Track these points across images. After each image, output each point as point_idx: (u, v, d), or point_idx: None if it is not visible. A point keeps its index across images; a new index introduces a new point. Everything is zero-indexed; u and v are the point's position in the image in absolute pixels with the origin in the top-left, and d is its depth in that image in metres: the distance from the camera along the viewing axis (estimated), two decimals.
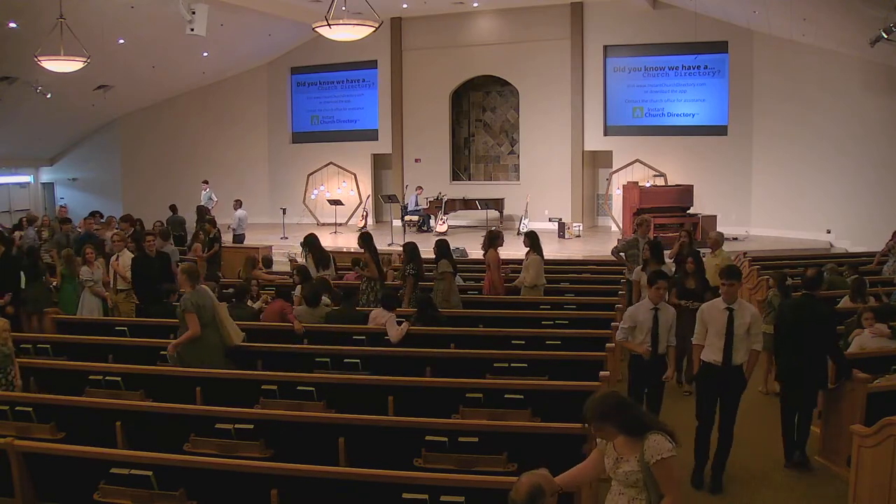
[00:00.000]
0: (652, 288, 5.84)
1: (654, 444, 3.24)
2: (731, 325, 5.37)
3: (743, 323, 5.39)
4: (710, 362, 5.46)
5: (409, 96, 20.66)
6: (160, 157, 21.66)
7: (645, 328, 5.81)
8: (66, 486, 4.53)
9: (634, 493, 3.33)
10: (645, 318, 5.83)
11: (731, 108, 17.84)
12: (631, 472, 3.28)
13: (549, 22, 19.00)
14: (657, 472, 3.25)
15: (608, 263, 11.61)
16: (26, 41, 13.96)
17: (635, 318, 5.87)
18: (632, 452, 3.32)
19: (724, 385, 5.43)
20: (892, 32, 10.19)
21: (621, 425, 3.29)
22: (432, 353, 6.51)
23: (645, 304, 5.92)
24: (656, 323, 5.80)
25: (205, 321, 6.19)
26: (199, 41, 16.05)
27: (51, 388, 6.05)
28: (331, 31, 11.92)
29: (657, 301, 5.83)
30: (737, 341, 5.39)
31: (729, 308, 5.42)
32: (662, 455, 3.23)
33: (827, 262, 10.49)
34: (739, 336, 5.39)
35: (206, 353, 6.23)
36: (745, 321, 5.40)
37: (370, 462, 4.32)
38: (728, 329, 5.37)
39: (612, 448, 3.39)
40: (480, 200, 19.07)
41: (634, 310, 5.96)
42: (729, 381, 5.43)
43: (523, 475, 2.77)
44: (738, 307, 5.44)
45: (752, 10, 15.43)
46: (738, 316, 5.41)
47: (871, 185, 14.99)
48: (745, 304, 5.58)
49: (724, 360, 5.37)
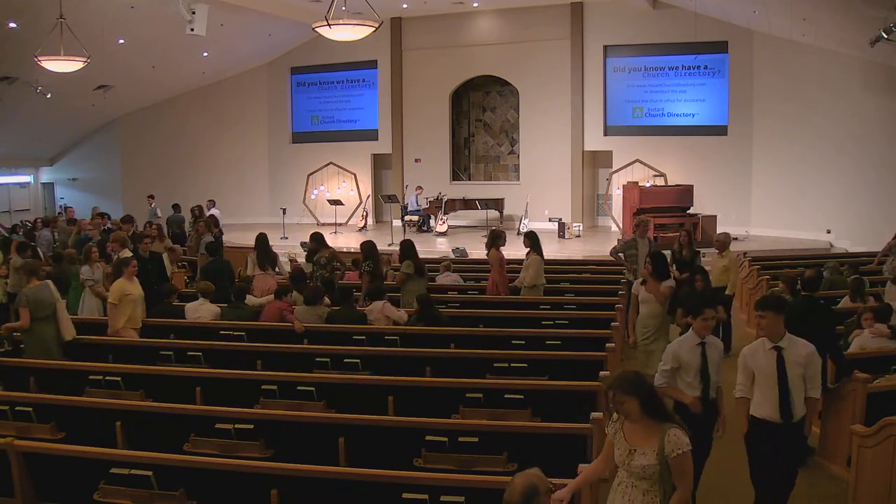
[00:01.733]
0: (697, 319, 4.83)
1: (674, 439, 3.30)
2: (782, 369, 4.37)
3: (796, 363, 4.39)
4: (763, 419, 4.42)
5: (409, 96, 20.66)
6: (160, 157, 21.65)
7: (692, 369, 4.75)
8: (66, 486, 4.53)
9: (648, 485, 3.36)
10: (691, 356, 4.77)
11: (731, 108, 17.84)
12: (648, 466, 3.32)
13: (549, 22, 18.99)
14: (675, 466, 3.31)
15: (608, 263, 11.61)
16: (26, 41, 13.96)
17: (679, 358, 4.78)
18: (647, 443, 3.35)
19: (782, 446, 4.40)
20: (892, 32, 10.19)
21: (645, 404, 3.34)
22: (432, 353, 6.51)
23: (688, 339, 4.85)
24: (705, 361, 4.74)
25: (41, 315, 6.54)
26: (199, 41, 16.05)
27: (51, 388, 6.04)
28: (331, 31, 11.92)
29: (704, 334, 4.80)
30: (792, 389, 4.38)
31: (776, 348, 4.42)
32: (683, 450, 3.30)
33: (827, 261, 10.48)
34: (794, 382, 4.39)
35: (42, 345, 6.58)
36: (798, 361, 4.40)
37: (370, 462, 4.32)
38: (780, 375, 4.37)
39: (623, 438, 3.41)
40: (480, 200, 19.07)
41: (677, 347, 4.85)
42: (788, 441, 4.41)
43: (517, 475, 2.77)
44: (786, 345, 4.43)
45: (752, 10, 15.43)
46: (789, 356, 4.39)
47: (871, 185, 14.99)
48: (796, 339, 4.48)
49: (783, 415, 4.35)
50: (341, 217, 20.50)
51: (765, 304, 4.50)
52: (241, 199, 21.42)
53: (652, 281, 6.77)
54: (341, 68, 21.28)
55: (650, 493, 3.36)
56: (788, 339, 4.44)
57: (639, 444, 3.35)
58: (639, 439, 3.36)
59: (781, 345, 4.41)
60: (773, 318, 4.43)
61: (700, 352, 4.76)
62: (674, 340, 5.01)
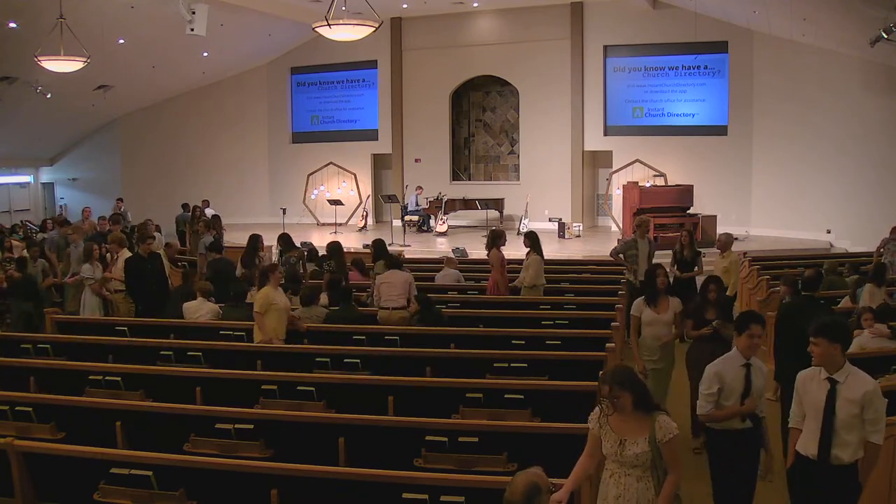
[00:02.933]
0: (742, 335, 4.29)
1: (665, 425, 3.44)
2: (831, 406, 3.80)
3: (851, 401, 3.75)
4: (805, 456, 3.91)
5: (409, 96, 20.66)
6: (160, 157, 21.65)
7: (735, 393, 4.26)
8: (66, 486, 4.53)
9: (641, 472, 3.47)
10: (734, 377, 4.25)
11: (731, 108, 17.84)
12: (641, 454, 3.44)
13: (549, 22, 18.99)
14: (666, 450, 3.44)
15: (608, 263, 11.60)
16: (26, 41, 13.95)
17: (722, 379, 4.27)
18: (637, 433, 3.46)
19: (824, 490, 3.86)
20: (892, 32, 10.19)
21: (636, 396, 3.46)
22: (432, 353, 6.51)
23: (733, 359, 4.32)
24: (749, 384, 4.26)
25: None
26: (199, 41, 16.05)
27: (51, 388, 6.04)
28: (331, 31, 11.92)
29: (749, 354, 4.29)
30: (840, 429, 3.77)
31: (831, 380, 3.83)
32: (673, 433, 3.45)
33: (827, 261, 10.48)
34: (845, 421, 3.76)
35: None
36: (854, 398, 3.75)
37: (370, 462, 4.32)
38: (827, 412, 3.80)
39: (610, 430, 3.51)
40: (480, 200, 19.07)
41: (720, 367, 4.31)
42: (827, 485, 3.84)
43: (518, 474, 2.79)
44: (843, 379, 3.80)
45: (752, 10, 15.43)
46: (843, 392, 3.79)
47: (871, 185, 14.99)
48: (857, 374, 3.86)
49: (820, 454, 3.82)
50: (341, 217, 20.50)
51: (818, 331, 3.84)
52: (241, 199, 21.42)
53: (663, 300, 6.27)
54: (341, 68, 21.28)
55: (644, 479, 3.48)
56: (848, 371, 3.82)
57: (628, 435, 3.47)
58: (628, 430, 3.48)
59: (838, 378, 3.81)
60: (826, 347, 3.82)
61: (744, 374, 4.24)
62: (717, 360, 4.42)
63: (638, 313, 6.30)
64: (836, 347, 3.82)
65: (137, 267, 8.65)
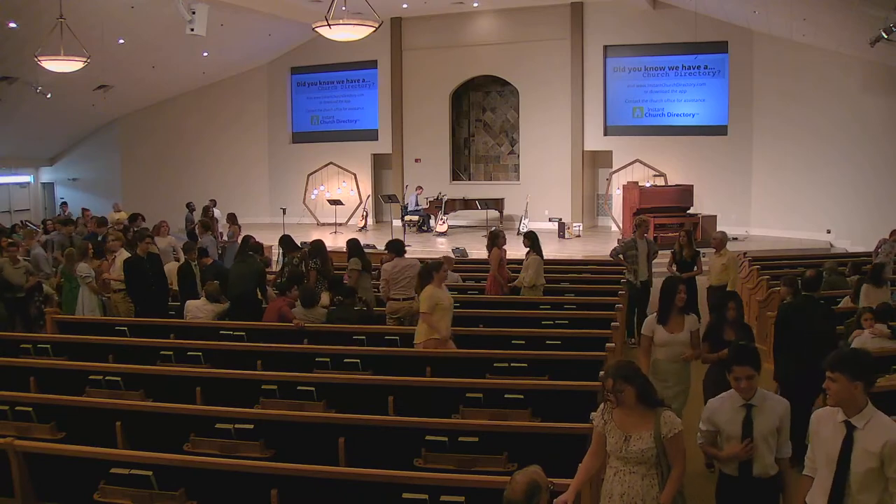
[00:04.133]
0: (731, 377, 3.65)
1: (669, 420, 3.44)
2: (846, 455, 3.09)
3: (870, 454, 3.05)
4: None
5: (408, 96, 20.66)
6: (160, 157, 21.65)
7: (732, 437, 3.63)
8: (66, 486, 4.53)
9: (645, 469, 3.46)
10: (730, 420, 3.64)
11: (731, 108, 17.84)
12: (646, 450, 3.43)
13: (549, 22, 18.99)
14: (671, 446, 3.44)
15: (608, 263, 11.61)
16: (26, 41, 13.95)
17: (715, 421, 3.70)
18: (642, 428, 3.45)
19: None
20: (892, 32, 10.18)
21: (639, 391, 3.46)
22: (432, 352, 6.50)
23: (730, 398, 3.67)
24: (749, 427, 3.59)
25: None
26: (199, 41, 16.05)
27: (51, 388, 6.04)
28: (331, 31, 11.91)
29: (747, 395, 3.60)
30: (855, 485, 3.07)
31: (847, 424, 3.13)
32: (678, 429, 3.44)
33: (828, 261, 10.49)
34: (861, 476, 3.06)
35: None
36: (873, 450, 3.05)
37: (370, 462, 4.32)
38: (842, 462, 3.11)
39: (615, 427, 3.51)
40: (480, 200, 19.06)
41: (715, 407, 3.74)
42: None
43: (517, 473, 2.81)
44: (862, 425, 3.08)
45: (751, 10, 15.43)
46: (862, 440, 3.08)
47: (870, 185, 14.99)
48: (880, 418, 3.14)
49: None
50: (341, 217, 20.51)
51: (835, 364, 3.12)
52: (241, 199, 21.36)
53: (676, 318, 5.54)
54: (341, 68, 21.28)
55: (648, 477, 3.46)
56: (870, 415, 3.09)
57: (633, 431, 3.46)
58: (632, 426, 3.47)
59: (856, 423, 3.09)
60: (845, 384, 3.09)
61: (743, 417, 3.60)
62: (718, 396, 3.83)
63: (650, 333, 5.54)
64: (857, 386, 3.10)
65: (136, 267, 8.65)
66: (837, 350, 3.66)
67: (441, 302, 6.53)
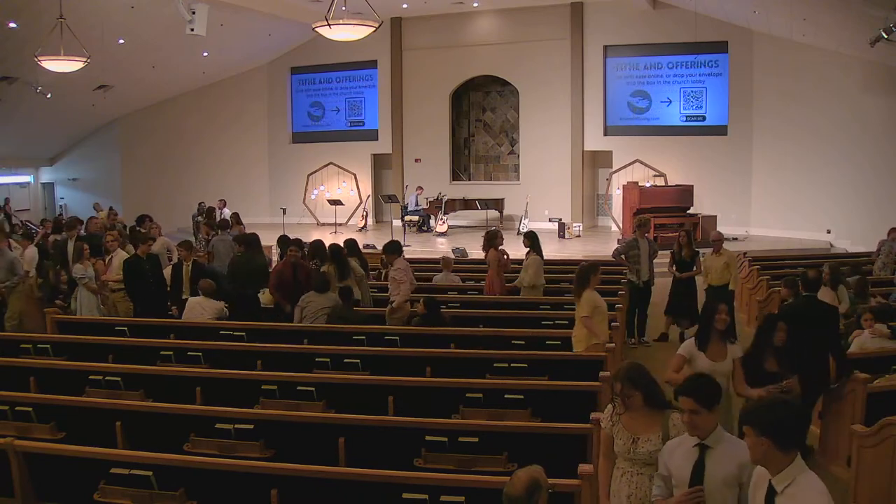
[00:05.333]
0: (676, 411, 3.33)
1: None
2: None
3: None
4: None
5: (408, 96, 20.66)
6: (160, 157, 21.64)
7: (682, 483, 3.14)
8: (66, 486, 4.53)
9: (652, 471, 3.44)
10: (681, 464, 3.16)
11: (731, 108, 17.84)
12: (655, 451, 3.41)
13: (549, 22, 18.99)
14: None
15: (608, 263, 11.56)
16: (26, 41, 13.95)
17: (668, 464, 3.23)
18: (650, 430, 3.45)
19: None
20: (892, 32, 10.18)
21: (647, 394, 3.46)
22: (432, 353, 6.51)
23: (687, 438, 3.20)
24: (700, 472, 3.09)
25: None
26: (199, 41, 16.05)
27: (51, 388, 6.04)
28: (331, 31, 11.91)
29: (694, 433, 3.14)
30: None
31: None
32: None
33: (826, 261, 10.47)
34: None
35: None
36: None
37: (370, 462, 4.32)
38: None
39: (623, 429, 3.51)
40: (480, 200, 19.07)
41: (674, 446, 3.26)
42: None
43: (518, 470, 2.82)
44: (779, 489, 2.69)
45: (751, 10, 15.43)
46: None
47: (870, 185, 14.99)
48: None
49: None
50: (341, 217, 20.51)
51: (742, 416, 2.78)
52: (240, 199, 21.33)
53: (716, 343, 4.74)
54: (341, 68, 21.28)
55: None
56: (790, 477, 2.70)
57: (641, 433, 3.46)
58: (640, 428, 3.47)
59: (775, 486, 2.70)
60: (754, 439, 2.66)
61: (696, 459, 3.10)
62: (677, 436, 3.35)
63: (686, 355, 4.75)
64: (764, 442, 2.65)
65: (135, 268, 8.65)
66: (755, 400, 3.40)
67: (600, 305, 6.44)
